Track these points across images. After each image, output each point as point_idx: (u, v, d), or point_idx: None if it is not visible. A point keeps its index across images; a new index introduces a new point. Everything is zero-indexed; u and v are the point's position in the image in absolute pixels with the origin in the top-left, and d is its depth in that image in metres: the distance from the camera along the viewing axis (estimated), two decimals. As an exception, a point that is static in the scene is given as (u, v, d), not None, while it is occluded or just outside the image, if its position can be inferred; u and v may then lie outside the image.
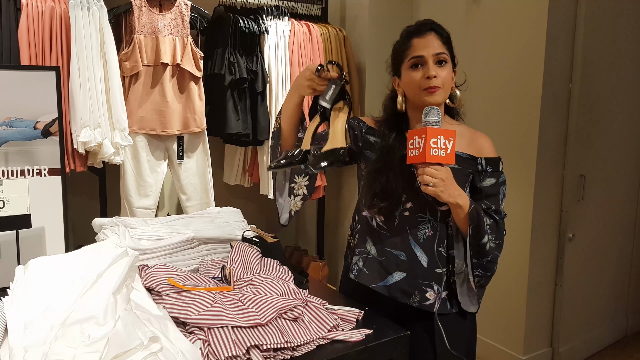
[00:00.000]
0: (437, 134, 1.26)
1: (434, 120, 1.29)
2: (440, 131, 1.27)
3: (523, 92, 2.65)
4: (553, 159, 2.71)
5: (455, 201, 1.32)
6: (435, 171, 1.28)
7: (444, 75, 1.38)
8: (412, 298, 1.43)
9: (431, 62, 1.38)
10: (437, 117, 1.29)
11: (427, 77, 1.37)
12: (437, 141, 1.26)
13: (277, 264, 1.45)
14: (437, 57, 1.38)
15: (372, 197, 1.45)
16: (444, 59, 1.39)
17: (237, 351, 1.04)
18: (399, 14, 3.19)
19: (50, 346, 0.95)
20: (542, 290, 2.81)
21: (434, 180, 1.28)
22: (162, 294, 1.20)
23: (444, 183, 1.29)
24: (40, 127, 1.82)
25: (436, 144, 1.26)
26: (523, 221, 2.68)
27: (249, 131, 2.84)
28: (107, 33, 2.41)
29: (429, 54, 1.38)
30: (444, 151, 1.27)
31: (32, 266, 1.20)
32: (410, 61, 1.40)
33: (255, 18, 2.83)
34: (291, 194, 1.52)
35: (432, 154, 1.26)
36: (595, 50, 2.72)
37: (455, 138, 1.28)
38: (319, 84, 1.35)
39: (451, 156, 1.28)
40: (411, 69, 1.40)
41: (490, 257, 1.40)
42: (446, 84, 1.39)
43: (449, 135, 1.27)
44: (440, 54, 1.38)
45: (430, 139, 1.26)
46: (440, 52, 1.38)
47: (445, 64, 1.39)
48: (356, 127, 1.54)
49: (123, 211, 2.65)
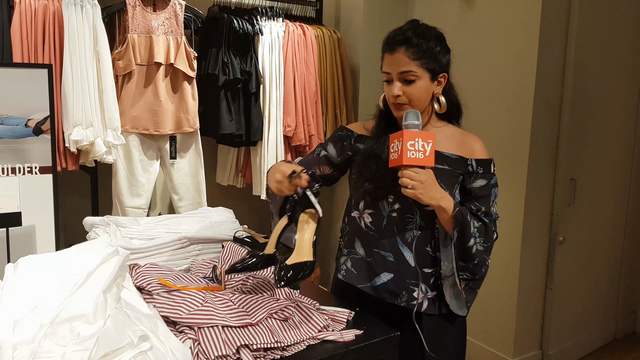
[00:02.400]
0: (415, 137, 1.28)
1: (414, 123, 1.30)
2: (417, 134, 1.28)
3: (515, 96, 2.66)
4: (544, 163, 2.73)
5: (437, 203, 1.33)
6: (414, 173, 1.29)
7: (411, 92, 1.38)
8: (399, 298, 1.44)
9: (396, 80, 1.39)
10: (416, 120, 1.31)
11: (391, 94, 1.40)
12: (414, 144, 1.28)
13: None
14: (402, 76, 1.38)
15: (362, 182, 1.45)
16: (410, 78, 1.38)
17: (227, 350, 1.04)
18: (393, 16, 3.20)
19: (39, 344, 0.95)
20: (532, 293, 2.82)
21: (412, 183, 1.29)
22: (152, 293, 1.19)
23: (423, 185, 1.29)
24: (32, 125, 1.81)
25: (414, 147, 1.27)
26: (514, 224, 2.69)
27: (242, 132, 2.83)
28: (100, 32, 2.41)
29: (394, 72, 1.39)
30: (422, 153, 1.28)
31: (22, 264, 1.19)
32: (383, 74, 1.43)
33: (249, 19, 2.83)
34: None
35: (410, 156, 1.28)
36: (588, 55, 2.75)
37: (434, 140, 1.29)
38: (287, 188, 1.31)
39: (430, 158, 1.29)
40: (385, 81, 1.43)
41: (477, 260, 1.39)
42: (414, 99, 1.39)
43: (428, 138, 1.28)
44: (405, 73, 1.38)
45: (407, 141, 1.27)
46: (405, 71, 1.38)
47: (414, 82, 1.38)
48: (345, 137, 1.56)
49: (115, 210, 2.64)
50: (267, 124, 2.89)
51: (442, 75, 1.42)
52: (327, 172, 1.58)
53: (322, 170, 1.57)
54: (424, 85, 1.39)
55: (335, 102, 3.12)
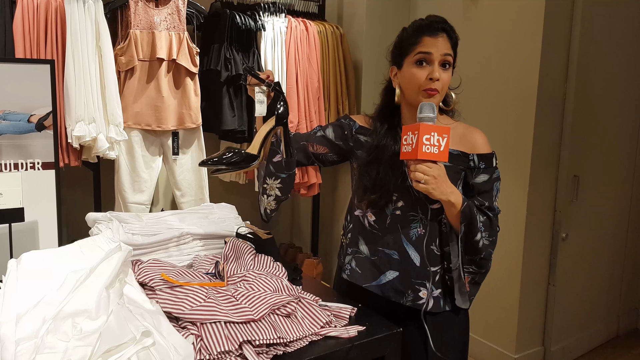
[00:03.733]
0: (431, 131, 1.25)
1: (429, 116, 1.28)
2: (434, 128, 1.25)
3: (519, 93, 2.66)
4: (547, 159, 2.72)
5: (447, 199, 1.31)
6: (428, 168, 1.27)
7: (445, 79, 1.38)
8: (405, 297, 1.43)
9: (437, 62, 1.36)
10: (432, 113, 1.28)
11: (430, 78, 1.35)
12: (430, 138, 1.25)
13: (271, 260, 1.45)
14: (444, 58, 1.37)
15: (363, 191, 1.44)
16: (449, 61, 1.38)
17: (229, 346, 1.04)
18: (396, 12, 3.20)
19: (42, 340, 0.94)
20: (535, 290, 2.82)
21: (425, 178, 1.27)
22: (155, 288, 1.19)
23: (436, 180, 1.28)
24: (34, 121, 1.81)
25: (429, 141, 1.25)
26: (517, 221, 2.69)
27: (244, 128, 2.83)
28: (102, 27, 2.40)
29: (438, 53, 1.36)
30: (437, 148, 1.26)
31: (25, 260, 1.19)
32: (416, 56, 1.37)
33: (252, 14, 2.82)
34: (264, 193, 1.47)
35: (425, 150, 1.25)
36: (591, 52, 2.73)
37: (449, 135, 1.27)
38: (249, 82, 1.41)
39: (444, 153, 1.27)
40: (416, 64, 1.37)
41: (484, 254, 1.39)
42: (444, 88, 1.39)
43: (443, 132, 1.26)
44: (447, 55, 1.37)
45: (423, 135, 1.25)
46: (447, 53, 1.37)
47: (449, 68, 1.39)
48: (346, 126, 1.53)
49: (117, 206, 2.64)
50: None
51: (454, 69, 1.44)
52: (320, 152, 1.55)
53: (315, 148, 1.55)
54: (450, 76, 1.40)
55: (337, 98, 3.12)
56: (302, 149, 1.53)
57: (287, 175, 1.43)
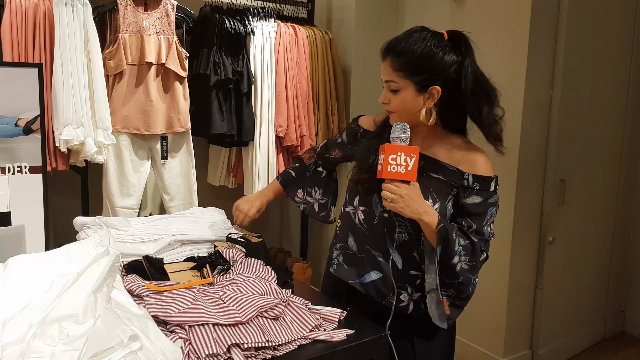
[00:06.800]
0: (397, 151, 1.28)
1: (400, 137, 1.31)
2: (400, 148, 1.29)
3: (505, 97, 2.65)
4: (534, 164, 2.75)
5: (420, 217, 1.31)
6: (395, 187, 1.29)
7: (395, 102, 1.39)
8: (387, 299, 1.45)
9: (385, 87, 1.40)
10: (402, 133, 1.31)
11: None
12: (396, 158, 1.28)
13: (260, 264, 1.45)
14: (387, 85, 1.39)
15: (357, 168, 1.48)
16: (393, 87, 1.38)
17: (217, 349, 1.04)
18: (385, 18, 3.21)
19: (28, 344, 0.94)
20: (522, 293, 2.84)
21: (391, 196, 1.29)
22: (142, 295, 1.19)
23: (403, 200, 1.29)
24: (21, 125, 1.80)
25: (395, 161, 1.28)
26: (504, 224, 2.71)
27: (233, 132, 2.83)
28: (91, 31, 2.39)
29: (384, 79, 1.40)
30: (404, 168, 1.29)
31: (12, 264, 1.19)
32: None
33: (241, 19, 2.83)
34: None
35: (390, 170, 1.29)
36: (577, 57, 2.77)
37: (417, 155, 1.29)
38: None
39: (412, 173, 1.29)
40: None
41: (462, 278, 1.36)
42: (399, 109, 1.39)
43: (411, 152, 1.29)
44: (388, 82, 1.39)
45: (389, 155, 1.29)
46: (388, 81, 1.39)
47: (397, 92, 1.38)
48: (354, 130, 1.60)
49: (105, 211, 2.63)
50: (258, 124, 2.89)
51: (433, 87, 1.36)
52: (338, 156, 1.70)
53: (335, 153, 1.70)
54: (407, 97, 1.37)
55: (326, 103, 3.13)
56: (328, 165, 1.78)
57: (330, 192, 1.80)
